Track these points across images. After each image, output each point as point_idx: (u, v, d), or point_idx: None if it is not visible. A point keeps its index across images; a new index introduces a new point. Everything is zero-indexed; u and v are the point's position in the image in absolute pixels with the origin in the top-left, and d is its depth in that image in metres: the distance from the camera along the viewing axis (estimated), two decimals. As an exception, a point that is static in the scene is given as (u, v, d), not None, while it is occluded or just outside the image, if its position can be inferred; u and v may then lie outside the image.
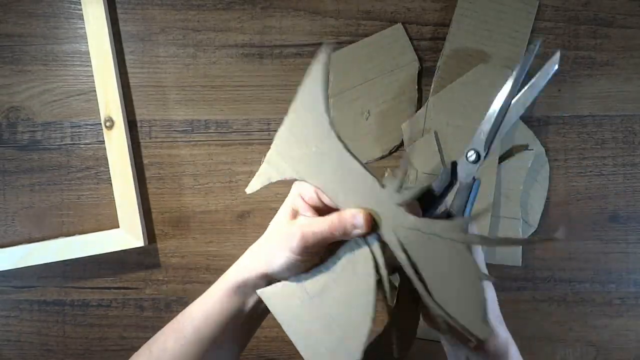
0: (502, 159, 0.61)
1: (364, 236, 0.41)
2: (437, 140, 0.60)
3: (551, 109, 0.63)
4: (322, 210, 0.43)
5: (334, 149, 0.41)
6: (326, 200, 0.42)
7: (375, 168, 0.62)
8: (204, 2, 0.62)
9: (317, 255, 0.43)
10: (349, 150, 0.41)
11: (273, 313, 0.43)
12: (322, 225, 0.40)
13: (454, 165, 0.43)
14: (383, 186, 0.40)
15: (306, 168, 0.42)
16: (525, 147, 0.61)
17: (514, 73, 0.42)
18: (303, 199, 0.43)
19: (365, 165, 0.41)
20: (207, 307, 0.45)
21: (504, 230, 0.61)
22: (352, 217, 0.40)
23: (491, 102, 0.44)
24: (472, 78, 0.60)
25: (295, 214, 0.43)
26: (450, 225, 0.38)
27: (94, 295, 0.63)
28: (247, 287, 0.45)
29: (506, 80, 0.43)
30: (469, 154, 0.43)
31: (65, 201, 0.63)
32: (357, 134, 0.61)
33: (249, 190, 0.44)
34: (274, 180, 0.43)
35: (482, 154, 0.43)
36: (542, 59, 0.42)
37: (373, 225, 0.40)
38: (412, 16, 0.62)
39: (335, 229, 0.40)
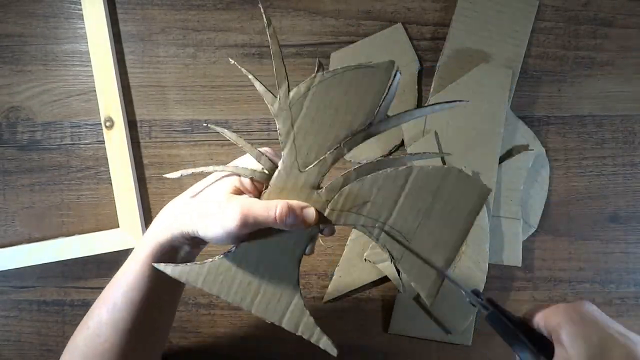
0: (502, 159, 0.61)
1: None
2: (438, 140, 0.60)
3: (551, 109, 0.63)
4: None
5: (248, 252, 0.42)
6: None
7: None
8: (204, 2, 0.62)
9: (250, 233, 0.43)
10: (238, 246, 0.42)
11: (210, 291, 0.43)
12: (267, 212, 0.40)
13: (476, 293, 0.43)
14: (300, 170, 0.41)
15: (283, 279, 0.43)
16: (525, 148, 0.61)
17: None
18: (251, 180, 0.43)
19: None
20: (133, 273, 0.46)
21: (504, 230, 0.61)
22: (302, 209, 0.41)
23: (491, 101, 0.43)
24: (473, 78, 0.60)
25: (238, 191, 0.43)
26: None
27: (94, 295, 0.63)
28: (172, 247, 0.45)
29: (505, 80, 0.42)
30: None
31: (65, 201, 0.63)
32: (357, 134, 0.61)
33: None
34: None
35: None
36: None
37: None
38: (412, 16, 0.62)
39: (281, 217, 0.40)
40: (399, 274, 0.59)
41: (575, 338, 0.38)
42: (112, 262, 0.63)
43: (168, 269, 0.43)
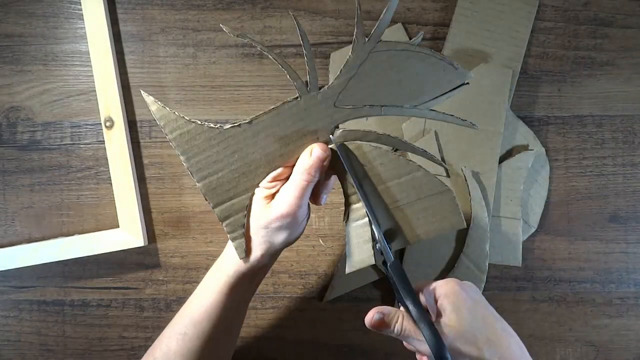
0: (502, 159, 0.61)
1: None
2: (437, 140, 0.60)
3: (551, 109, 0.63)
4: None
5: (242, 135, 0.44)
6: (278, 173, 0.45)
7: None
8: (204, 2, 0.62)
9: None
10: (250, 120, 0.43)
11: (175, 146, 0.44)
12: (298, 183, 0.43)
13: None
14: (296, 98, 0.43)
15: (247, 176, 0.45)
16: (525, 148, 0.61)
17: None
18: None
19: (271, 107, 0.43)
20: (207, 303, 0.46)
21: (504, 230, 0.61)
22: (311, 158, 0.43)
23: (491, 101, 0.44)
24: (473, 78, 0.59)
25: (270, 197, 0.44)
26: (357, 46, 0.43)
27: (93, 295, 0.63)
28: (250, 272, 0.46)
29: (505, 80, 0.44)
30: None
31: (65, 201, 0.63)
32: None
33: (242, 255, 0.45)
34: (243, 222, 0.45)
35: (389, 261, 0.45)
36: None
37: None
38: (412, 16, 0.62)
39: (308, 180, 0.43)
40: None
41: (460, 309, 0.42)
42: (112, 262, 0.63)
43: (155, 105, 0.44)
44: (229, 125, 0.44)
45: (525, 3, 0.61)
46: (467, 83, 0.44)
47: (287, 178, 0.44)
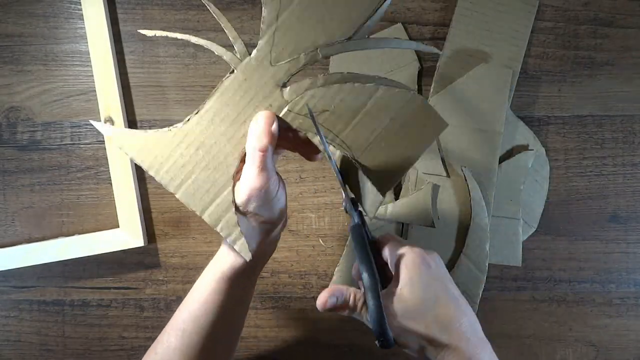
0: (502, 159, 0.61)
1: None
2: (437, 140, 0.60)
3: (551, 109, 0.63)
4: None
5: (196, 127, 0.42)
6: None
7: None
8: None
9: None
10: (198, 110, 0.43)
11: (140, 163, 0.43)
12: (254, 156, 0.41)
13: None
14: (232, 71, 0.42)
15: (219, 168, 0.42)
16: (525, 148, 0.61)
17: None
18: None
19: (213, 92, 0.42)
20: (203, 298, 0.46)
21: (504, 230, 0.61)
22: (258, 124, 0.41)
23: (491, 101, 0.43)
24: (473, 78, 0.60)
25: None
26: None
27: (93, 295, 0.63)
28: (244, 268, 0.45)
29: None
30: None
31: (65, 201, 0.63)
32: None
33: (248, 255, 0.43)
34: (234, 220, 0.43)
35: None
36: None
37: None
38: (412, 16, 0.62)
39: (263, 147, 0.40)
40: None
41: (416, 283, 0.41)
42: (112, 262, 0.63)
43: (108, 129, 0.43)
44: (181, 124, 0.42)
45: (525, 3, 0.61)
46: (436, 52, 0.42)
47: None
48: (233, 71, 0.42)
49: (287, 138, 0.44)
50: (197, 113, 0.42)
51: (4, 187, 0.63)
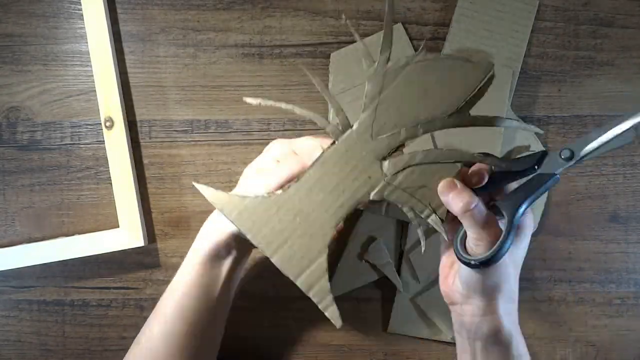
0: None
1: None
2: (433, 140, 0.60)
3: (551, 109, 0.63)
4: None
5: (295, 197, 0.43)
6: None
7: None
8: (204, 2, 0.62)
9: None
10: (295, 181, 0.44)
11: (239, 226, 0.44)
12: (284, 173, 0.43)
13: (544, 154, 0.44)
14: (333, 143, 0.43)
15: (316, 238, 0.44)
16: (526, 148, 0.61)
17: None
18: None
19: (313, 162, 0.43)
20: (186, 281, 0.46)
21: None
22: (311, 149, 0.43)
23: (491, 101, 0.44)
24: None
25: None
26: (371, 72, 0.43)
27: (94, 295, 0.63)
28: (220, 253, 0.46)
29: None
30: (563, 152, 0.43)
31: (65, 201, 0.63)
32: (357, 134, 0.61)
33: (339, 322, 0.45)
34: (327, 287, 0.44)
35: (577, 156, 0.43)
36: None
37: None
38: (412, 16, 0.62)
39: (296, 169, 0.43)
40: (398, 274, 0.59)
41: (525, 249, 0.47)
42: (112, 262, 0.63)
43: (208, 191, 0.44)
44: (279, 191, 0.43)
45: (525, 3, 0.61)
46: (493, 73, 0.43)
47: None
48: (333, 142, 0.43)
49: None
50: (297, 181, 0.43)
51: (4, 187, 0.63)
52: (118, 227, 0.61)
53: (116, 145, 0.61)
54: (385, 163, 0.43)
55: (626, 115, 0.41)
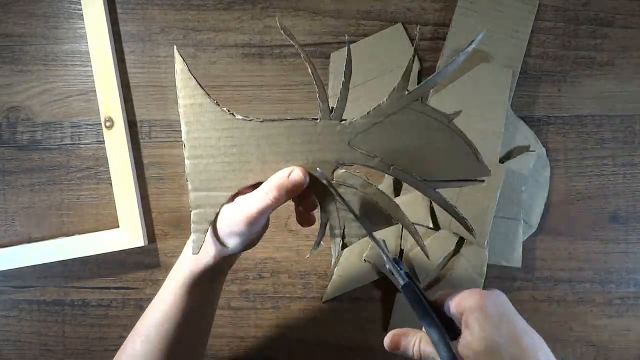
0: (503, 159, 0.61)
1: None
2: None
3: (551, 109, 0.63)
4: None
5: (250, 131, 0.43)
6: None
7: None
8: (204, 2, 0.62)
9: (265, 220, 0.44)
10: (265, 120, 0.43)
11: (181, 113, 0.44)
12: (263, 200, 0.41)
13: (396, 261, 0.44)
14: (316, 119, 0.42)
15: (235, 175, 0.43)
16: (526, 149, 0.61)
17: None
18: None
19: (288, 118, 0.42)
20: (166, 305, 0.46)
21: (504, 230, 0.60)
22: (288, 178, 0.41)
23: (492, 101, 0.43)
24: (473, 78, 0.60)
25: (233, 197, 0.43)
26: (394, 97, 0.42)
27: (94, 295, 0.63)
28: (205, 274, 0.45)
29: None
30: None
31: (65, 201, 0.63)
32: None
33: (196, 250, 0.43)
34: (212, 217, 0.43)
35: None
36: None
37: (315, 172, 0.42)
38: (412, 16, 0.62)
39: (277, 199, 0.41)
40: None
41: (484, 325, 0.39)
42: (112, 262, 0.63)
43: (179, 66, 0.44)
44: (241, 117, 0.43)
45: (525, 3, 0.61)
46: (483, 181, 0.43)
47: None
48: (316, 119, 0.43)
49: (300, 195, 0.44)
50: (260, 121, 0.43)
51: (4, 187, 0.63)
52: (118, 227, 0.61)
53: (116, 145, 0.61)
54: (340, 171, 0.42)
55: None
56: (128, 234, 0.61)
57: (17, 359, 0.63)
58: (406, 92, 0.42)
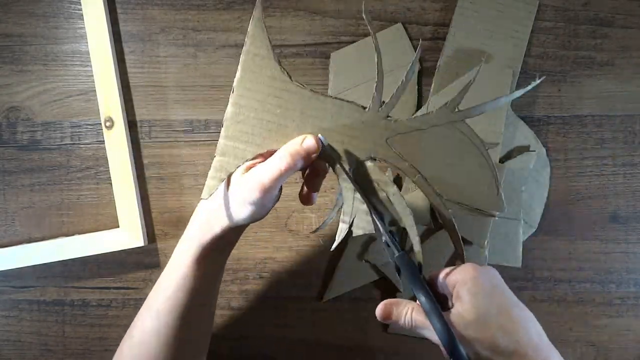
0: (503, 159, 0.61)
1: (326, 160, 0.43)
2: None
3: (551, 109, 0.63)
4: None
5: (299, 98, 0.43)
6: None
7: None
8: (204, 2, 0.62)
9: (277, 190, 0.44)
10: (317, 92, 0.43)
11: (242, 61, 0.43)
12: (277, 166, 0.41)
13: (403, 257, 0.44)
14: (365, 108, 0.42)
15: (269, 135, 0.43)
16: (526, 149, 0.61)
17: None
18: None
19: (339, 98, 0.43)
20: (178, 276, 0.46)
21: (504, 231, 0.60)
22: (301, 145, 0.41)
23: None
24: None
25: (249, 168, 0.43)
26: (444, 110, 0.42)
27: (94, 295, 0.63)
28: (214, 245, 0.45)
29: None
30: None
31: (65, 201, 0.63)
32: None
33: (206, 194, 0.44)
34: (232, 169, 0.43)
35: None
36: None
37: (347, 154, 0.43)
38: (412, 16, 0.62)
39: (291, 165, 0.41)
40: (399, 275, 0.59)
41: (476, 296, 0.40)
42: (112, 262, 0.63)
43: (255, 20, 0.42)
44: (297, 82, 0.43)
45: (525, 3, 0.61)
46: (494, 215, 0.44)
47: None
48: (365, 108, 0.43)
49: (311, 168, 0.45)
50: (313, 92, 0.43)
51: (4, 187, 0.63)
52: (118, 227, 0.61)
53: (116, 145, 0.61)
54: (369, 162, 0.43)
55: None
56: (128, 234, 0.61)
57: (17, 359, 0.63)
58: (457, 110, 0.43)
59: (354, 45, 0.62)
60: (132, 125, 0.62)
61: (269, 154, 0.43)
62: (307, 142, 0.42)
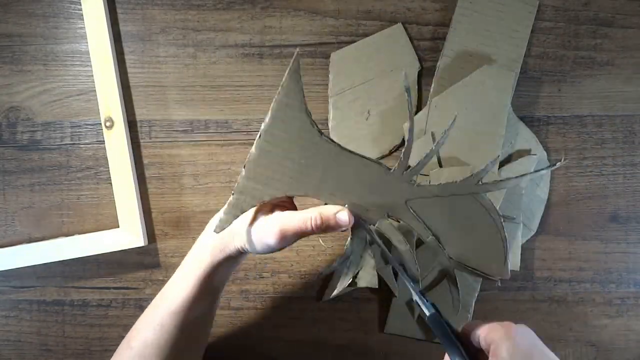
0: (503, 162, 0.60)
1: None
2: (434, 141, 0.60)
3: (551, 109, 0.63)
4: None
5: (326, 152, 0.43)
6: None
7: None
8: (204, 2, 0.62)
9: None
10: (344, 148, 0.43)
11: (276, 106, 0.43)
12: (302, 223, 0.42)
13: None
14: (390, 169, 0.43)
15: (290, 182, 0.43)
16: (527, 152, 0.61)
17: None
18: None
19: (366, 156, 0.43)
20: (184, 291, 0.46)
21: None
22: (335, 215, 0.42)
23: (493, 103, 0.44)
24: (474, 79, 0.59)
25: (271, 207, 0.44)
26: (466, 181, 0.43)
27: (93, 295, 0.63)
28: (224, 265, 0.46)
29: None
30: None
31: (65, 201, 0.63)
32: (357, 134, 0.61)
33: (220, 229, 0.44)
34: (247, 208, 0.44)
35: None
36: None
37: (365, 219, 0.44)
38: (412, 16, 0.62)
39: (318, 227, 0.42)
40: (395, 278, 0.59)
41: (514, 355, 0.40)
42: (112, 262, 0.63)
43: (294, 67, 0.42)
44: (326, 137, 0.43)
45: (525, 3, 0.61)
46: (497, 282, 0.46)
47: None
48: (390, 169, 0.44)
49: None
50: (340, 148, 0.43)
51: (4, 187, 0.63)
52: (118, 227, 0.61)
53: (116, 145, 0.61)
54: (384, 221, 0.44)
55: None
56: (128, 234, 0.61)
57: (17, 359, 0.63)
58: (480, 183, 0.43)
59: (354, 45, 0.62)
60: (132, 125, 0.62)
61: (286, 198, 0.44)
62: (341, 216, 0.43)
